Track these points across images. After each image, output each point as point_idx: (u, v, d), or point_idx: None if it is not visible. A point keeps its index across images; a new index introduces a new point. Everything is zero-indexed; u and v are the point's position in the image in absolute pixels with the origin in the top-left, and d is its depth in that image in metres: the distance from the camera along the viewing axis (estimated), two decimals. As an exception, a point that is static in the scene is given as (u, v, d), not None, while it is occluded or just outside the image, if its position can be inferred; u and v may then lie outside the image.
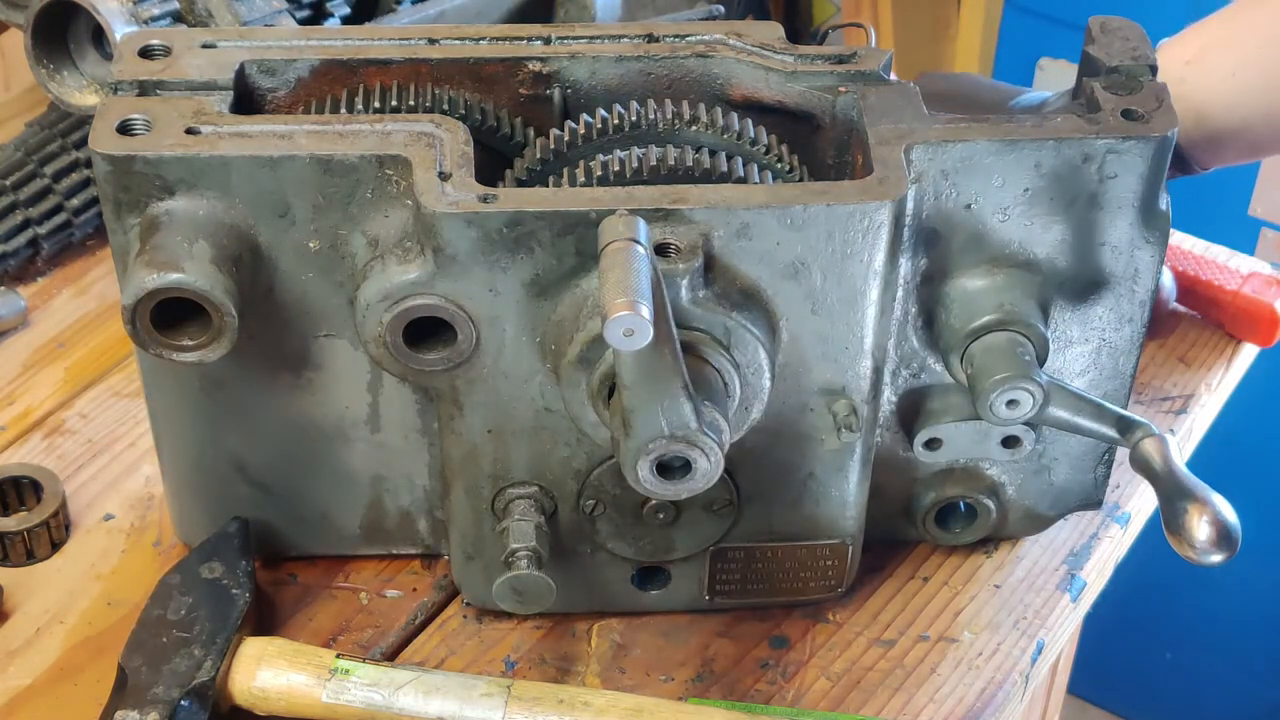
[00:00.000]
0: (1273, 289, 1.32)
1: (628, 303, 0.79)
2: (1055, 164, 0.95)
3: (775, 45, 1.03)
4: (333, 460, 1.06)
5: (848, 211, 0.91)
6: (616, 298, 0.79)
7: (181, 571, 1.04)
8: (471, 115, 1.00)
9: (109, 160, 0.92)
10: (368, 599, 1.10)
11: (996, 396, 0.96)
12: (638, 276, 0.81)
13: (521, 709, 0.98)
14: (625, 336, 0.79)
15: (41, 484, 1.13)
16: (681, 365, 0.86)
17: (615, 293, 0.80)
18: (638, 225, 0.84)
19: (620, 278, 0.81)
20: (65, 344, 1.29)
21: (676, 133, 0.99)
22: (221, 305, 0.90)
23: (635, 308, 0.79)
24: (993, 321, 0.97)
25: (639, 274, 0.81)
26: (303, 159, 0.92)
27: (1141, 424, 0.98)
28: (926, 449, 1.05)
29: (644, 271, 0.82)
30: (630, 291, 0.80)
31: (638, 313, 0.79)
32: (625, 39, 1.04)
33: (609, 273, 0.81)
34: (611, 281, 0.81)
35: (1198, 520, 0.93)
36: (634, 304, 0.79)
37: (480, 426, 0.99)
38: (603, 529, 1.03)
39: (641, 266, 0.82)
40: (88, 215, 1.36)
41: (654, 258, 0.84)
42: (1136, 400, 1.26)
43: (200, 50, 1.00)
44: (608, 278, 0.81)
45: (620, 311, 0.79)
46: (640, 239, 0.83)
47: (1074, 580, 1.13)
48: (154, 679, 0.97)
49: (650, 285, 0.81)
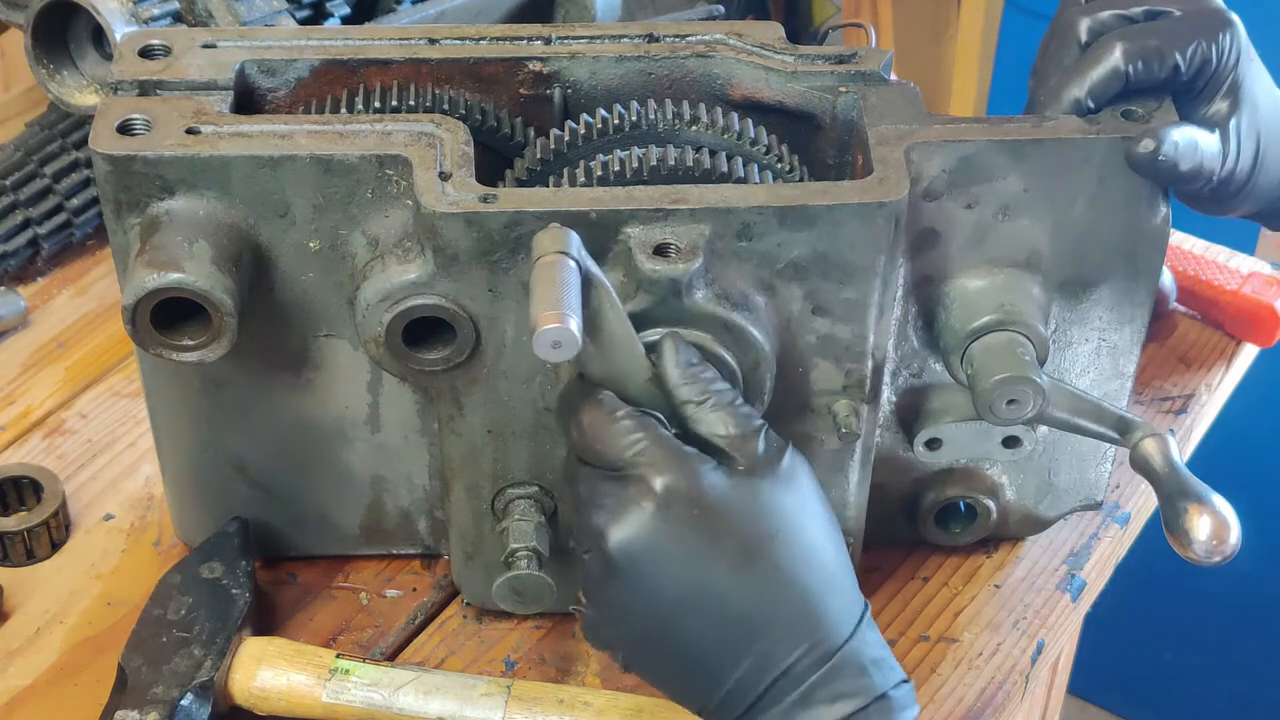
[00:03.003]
0: (1273, 289, 1.32)
1: (555, 315, 0.80)
2: (1055, 164, 0.95)
3: (775, 45, 1.03)
4: (333, 460, 1.06)
5: (848, 211, 0.91)
6: (543, 310, 0.80)
7: (181, 571, 1.04)
8: (471, 115, 1.00)
9: (109, 160, 0.92)
10: (368, 599, 1.10)
11: (996, 396, 0.96)
12: (565, 289, 0.82)
13: (521, 709, 0.98)
14: (553, 348, 0.80)
15: (41, 484, 1.13)
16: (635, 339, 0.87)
17: (542, 306, 0.80)
18: (568, 238, 0.84)
19: (546, 291, 0.81)
20: (65, 344, 1.29)
21: (676, 133, 0.99)
22: (221, 305, 0.90)
23: (564, 320, 0.80)
24: (993, 321, 0.97)
25: (567, 286, 0.82)
26: (303, 159, 0.92)
27: (1141, 424, 0.98)
28: (926, 449, 1.05)
29: (572, 284, 0.82)
30: (557, 304, 0.80)
31: (566, 325, 0.79)
32: (625, 39, 1.04)
33: (536, 287, 0.82)
34: (538, 296, 0.81)
35: (1198, 520, 0.93)
36: (562, 316, 0.80)
37: (480, 426, 0.99)
38: (603, 529, 1.03)
39: (569, 279, 0.82)
40: (88, 215, 1.36)
41: (591, 268, 0.85)
42: (1136, 400, 1.26)
43: (200, 50, 1.00)
44: (535, 292, 0.82)
45: (546, 325, 0.79)
46: (570, 251, 0.84)
47: (1074, 580, 1.13)
48: (154, 679, 0.97)
49: (579, 298, 0.82)
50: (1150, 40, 0.95)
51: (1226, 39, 0.96)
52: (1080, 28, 0.99)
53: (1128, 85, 0.95)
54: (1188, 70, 0.96)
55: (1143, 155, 0.93)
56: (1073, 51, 0.98)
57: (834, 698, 0.82)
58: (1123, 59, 0.95)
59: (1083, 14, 0.99)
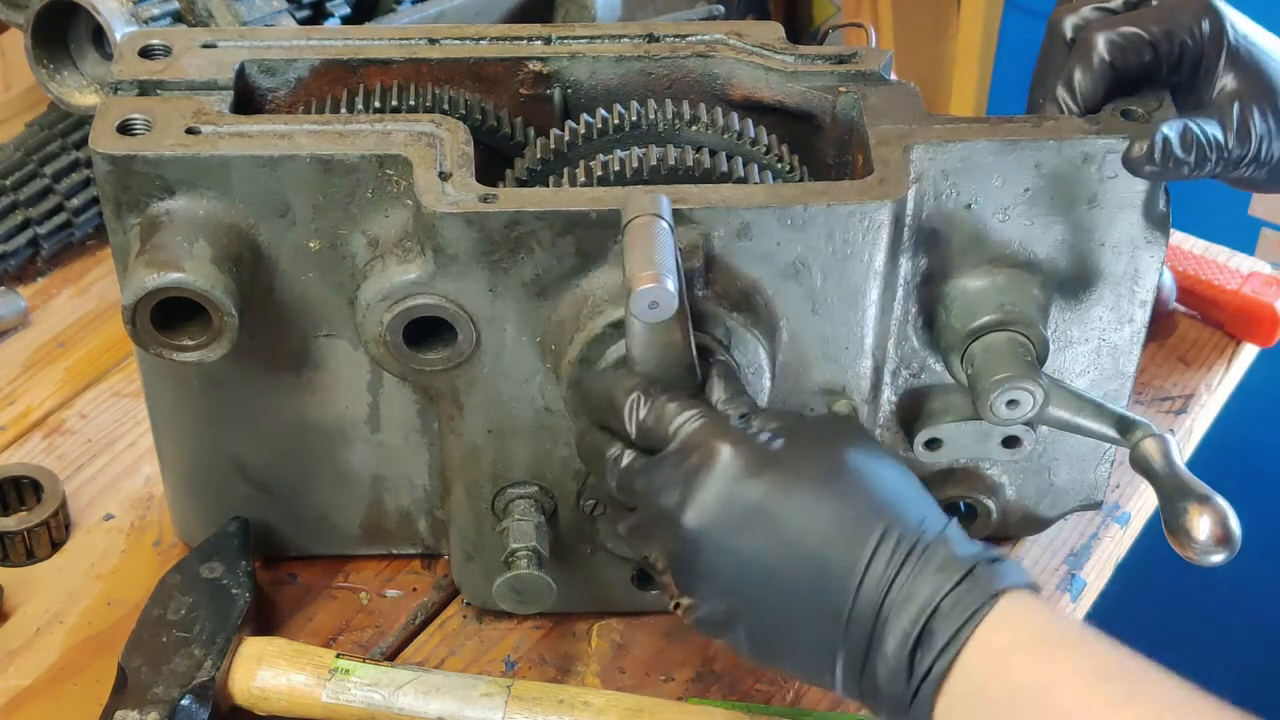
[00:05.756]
0: (1273, 289, 1.32)
1: (653, 275, 0.80)
2: (1055, 164, 0.95)
3: (775, 45, 1.03)
4: (333, 460, 1.06)
5: (848, 211, 0.91)
6: (643, 270, 0.80)
7: (181, 571, 1.04)
8: (471, 115, 1.00)
9: (109, 160, 0.92)
10: (368, 599, 1.10)
11: (996, 396, 0.96)
12: (663, 251, 0.82)
13: (521, 709, 0.98)
14: (650, 309, 0.81)
15: (41, 484, 1.13)
16: (692, 348, 0.87)
17: (641, 265, 0.81)
18: (662, 202, 0.85)
19: (646, 252, 0.82)
20: (65, 344, 1.29)
21: (676, 133, 0.99)
22: (221, 305, 0.90)
23: (661, 280, 0.80)
24: (993, 321, 0.97)
25: (664, 248, 0.82)
26: (303, 159, 0.92)
27: (1141, 424, 0.98)
28: (926, 449, 1.05)
29: (669, 246, 0.83)
30: (656, 265, 0.81)
31: (663, 285, 0.80)
32: (625, 39, 1.04)
33: (634, 247, 0.82)
34: (637, 255, 0.82)
35: (1198, 520, 0.93)
36: (659, 276, 0.80)
37: (480, 426, 0.99)
38: (603, 529, 1.03)
39: (667, 241, 0.83)
40: (88, 215, 1.36)
41: (677, 237, 0.85)
42: (1136, 400, 1.26)
43: (200, 50, 1.00)
44: (633, 252, 0.82)
45: (646, 284, 0.80)
46: (665, 215, 0.84)
47: (1074, 580, 1.13)
48: (154, 679, 0.97)
49: (676, 259, 0.82)
50: (1128, 28, 0.95)
51: (1205, 20, 0.96)
52: (1065, 25, 0.99)
53: (1116, 75, 0.95)
54: (1171, 55, 0.96)
55: (1137, 159, 0.93)
56: (1062, 50, 0.99)
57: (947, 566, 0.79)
58: (1105, 50, 0.95)
59: (1066, 12, 1.00)
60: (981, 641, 0.77)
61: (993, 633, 0.77)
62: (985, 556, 0.80)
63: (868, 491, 0.82)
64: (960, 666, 0.77)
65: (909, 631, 0.78)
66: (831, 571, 0.81)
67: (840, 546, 0.81)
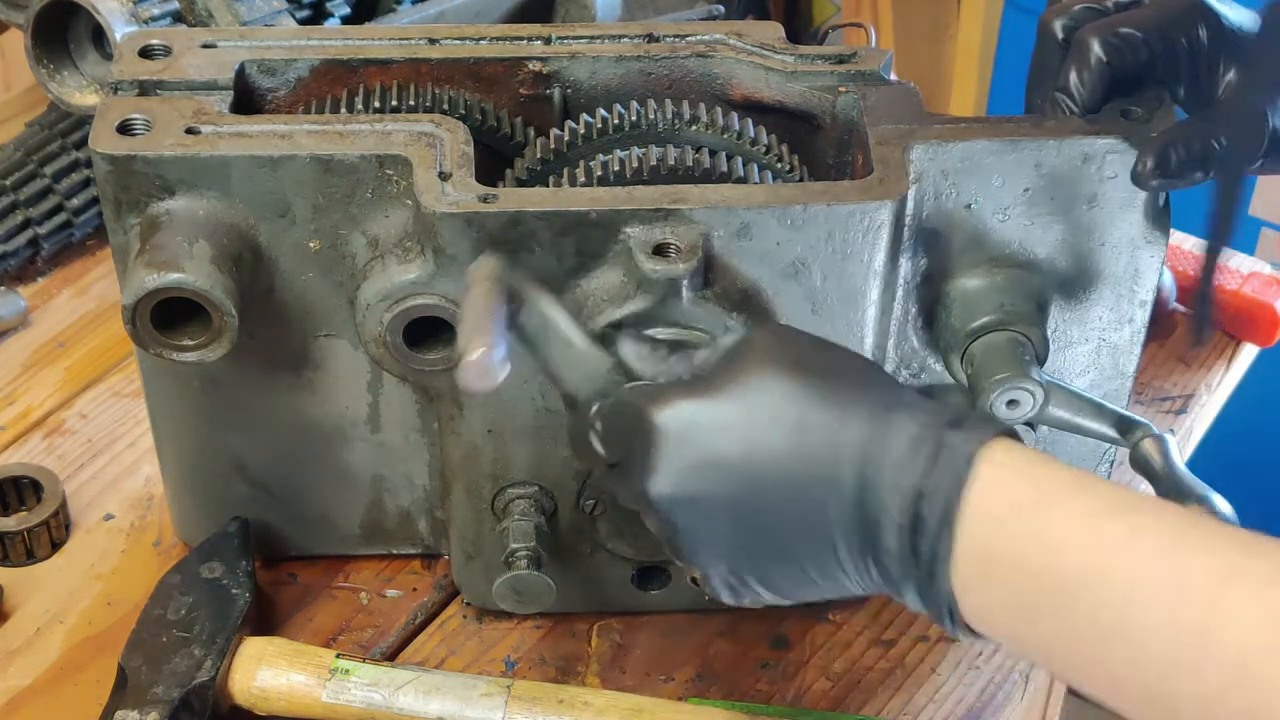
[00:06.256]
0: (1273, 289, 1.32)
1: (478, 344, 0.82)
2: (1055, 164, 0.95)
3: (775, 45, 1.03)
4: (333, 460, 1.06)
5: (848, 211, 0.91)
6: (465, 341, 0.82)
7: (181, 571, 1.04)
8: (471, 115, 1.00)
9: (109, 160, 0.92)
10: (368, 599, 1.10)
11: (996, 396, 0.96)
12: (487, 318, 0.84)
13: (521, 709, 0.98)
14: (477, 379, 0.81)
15: (41, 484, 1.13)
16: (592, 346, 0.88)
17: (464, 338, 0.83)
18: (492, 264, 0.87)
19: (468, 323, 0.84)
20: (65, 344, 1.29)
21: (676, 132, 0.99)
22: (221, 305, 0.90)
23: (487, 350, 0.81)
24: (993, 321, 0.97)
25: (489, 315, 0.84)
26: (303, 159, 0.92)
27: (1141, 424, 0.98)
28: (926, 449, 1.05)
29: (495, 312, 0.84)
30: (480, 334, 0.82)
31: (488, 356, 0.81)
32: (625, 39, 1.04)
33: (460, 321, 0.85)
34: (460, 329, 0.84)
35: (1198, 520, 0.92)
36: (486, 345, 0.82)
37: (480, 426, 0.99)
38: (603, 529, 1.03)
39: (492, 308, 0.84)
40: (88, 215, 1.36)
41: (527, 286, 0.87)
42: (1136, 400, 1.26)
43: (200, 50, 1.00)
44: (459, 326, 0.85)
45: (469, 356, 0.81)
46: (494, 277, 0.86)
47: (1074, 580, 1.13)
48: (154, 679, 0.97)
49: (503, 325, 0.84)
50: (1123, 28, 0.95)
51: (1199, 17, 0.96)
52: (1055, 26, 0.99)
53: (1114, 75, 0.95)
54: (1167, 54, 0.96)
55: (1143, 175, 0.92)
56: (1054, 52, 0.99)
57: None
58: (1102, 50, 0.95)
59: (1057, 13, 1.00)
60: (975, 512, 0.76)
61: (983, 500, 0.76)
62: (949, 420, 0.78)
63: (807, 395, 0.81)
64: (961, 542, 0.76)
65: (902, 523, 0.77)
66: (805, 494, 0.80)
67: (804, 464, 0.80)
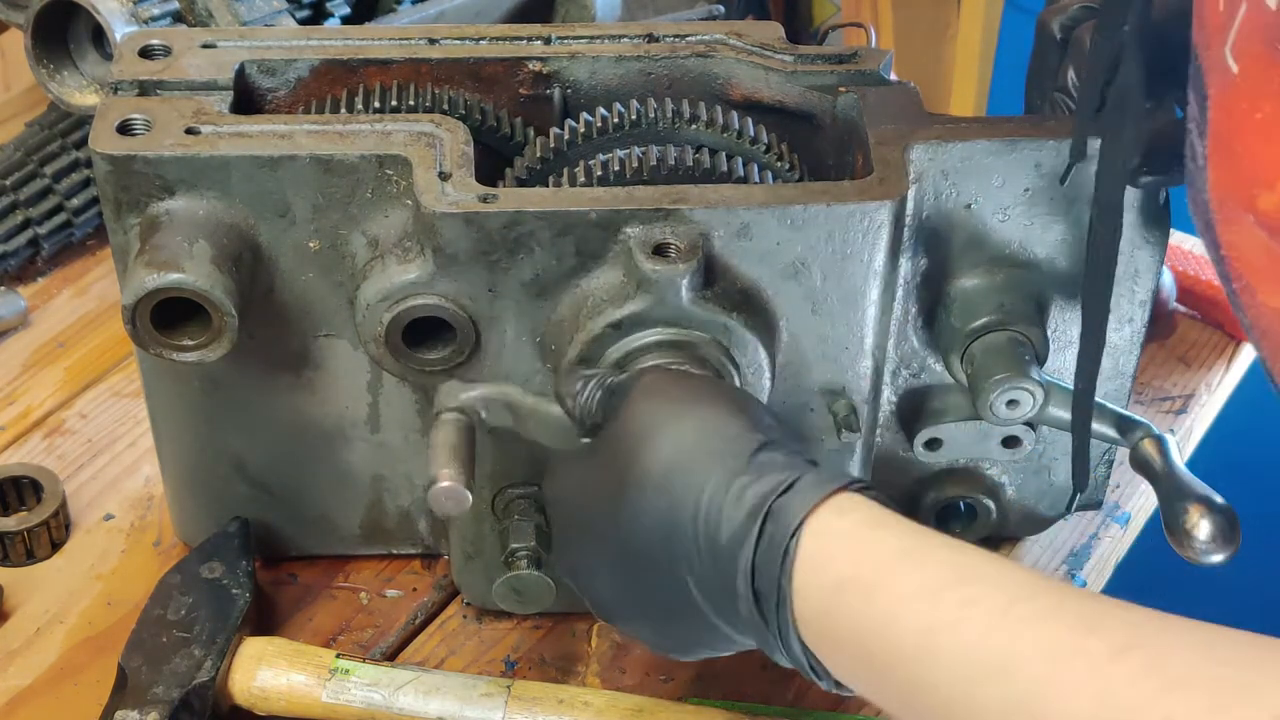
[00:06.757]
0: (1273, 289, 1.32)
1: (447, 474, 0.89)
2: (1055, 164, 0.95)
3: (775, 45, 1.03)
4: (333, 460, 1.06)
5: (848, 211, 0.91)
6: (436, 470, 0.89)
7: (181, 571, 1.04)
8: (471, 115, 1.00)
9: (109, 160, 0.92)
10: (368, 599, 1.10)
11: (996, 396, 0.96)
12: (454, 448, 0.91)
13: (521, 709, 0.98)
14: (448, 502, 0.88)
15: (41, 484, 1.13)
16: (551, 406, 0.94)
17: (437, 465, 0.89)
18: (459, 392, 0.93)
19: (438, 453, 0.90)
20: (65, 344, 1.29)
21: (676, 132, 0.99)
22: (221, 305, 0.90)
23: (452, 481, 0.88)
24: (993, 321, 0.97)
25: (455, 445, 0.91)
26: (303, 159, 0.92)
27: (1141, 424, 0.98)
28: (926, 449, 1.05)
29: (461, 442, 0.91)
30: (449, 465, 0.89)
31: (455, 487, 0.88)
32: (625, 39, 1.04)
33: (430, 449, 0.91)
34: (432, 457, 0.90)
35: (1198, 520, 0.93)
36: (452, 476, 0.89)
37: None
38: (603, 529, 1.03)
39: (459, 438, 0.92)
40: (88, 215, 1.36)
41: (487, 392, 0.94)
42: (1136, 400, 1.26)
43: (200, 50, 1.00)
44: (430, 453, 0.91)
45: (438, 484, 0.88)
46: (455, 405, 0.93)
47: (1074, 580, 1.13)
48: (154, 679, 0.97)
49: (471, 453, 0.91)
50: None
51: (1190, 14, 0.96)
52: (1054, 26, 0.99)
53: None
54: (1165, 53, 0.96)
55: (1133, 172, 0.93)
56: (1053, 51, 0.99)
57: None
58: None
59: (1055, 13, 1.00)
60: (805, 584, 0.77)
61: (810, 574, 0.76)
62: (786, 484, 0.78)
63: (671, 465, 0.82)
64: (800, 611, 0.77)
65: (746, 596, 0.78)
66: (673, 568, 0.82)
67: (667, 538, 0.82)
